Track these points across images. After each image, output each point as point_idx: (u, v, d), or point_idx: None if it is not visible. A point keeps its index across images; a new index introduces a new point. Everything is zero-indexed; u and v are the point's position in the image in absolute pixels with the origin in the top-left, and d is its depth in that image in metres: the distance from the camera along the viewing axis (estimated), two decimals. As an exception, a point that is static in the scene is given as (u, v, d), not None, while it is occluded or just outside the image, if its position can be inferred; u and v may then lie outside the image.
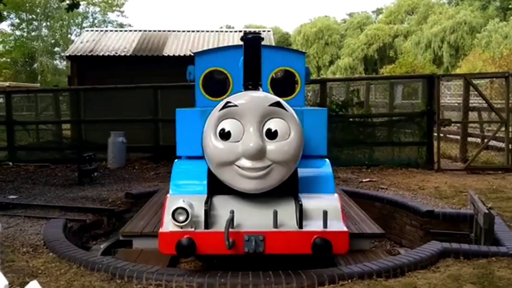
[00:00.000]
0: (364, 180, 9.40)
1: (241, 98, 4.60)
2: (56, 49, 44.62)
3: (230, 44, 17.22)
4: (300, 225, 4.46)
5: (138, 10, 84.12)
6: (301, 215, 4.46)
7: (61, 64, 45.59)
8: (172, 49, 16.79)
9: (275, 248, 4.45)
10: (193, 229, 4.47)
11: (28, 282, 2.79)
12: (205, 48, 16.80)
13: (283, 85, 6.58)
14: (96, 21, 44.82)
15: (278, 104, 4.49)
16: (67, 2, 11.51)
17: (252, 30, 20.22)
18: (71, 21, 43.65)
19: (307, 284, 4.24)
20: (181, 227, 4.44)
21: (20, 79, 37.44)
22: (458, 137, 12.46)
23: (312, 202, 4.65)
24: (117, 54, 15.98)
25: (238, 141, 4.41)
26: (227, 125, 4.46)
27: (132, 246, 5.50)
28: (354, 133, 11.54)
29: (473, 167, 10.46)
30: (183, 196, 4.69)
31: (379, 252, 5.10)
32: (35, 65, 41.60)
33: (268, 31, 19.41)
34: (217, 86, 6.37)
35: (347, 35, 55.28)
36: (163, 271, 4.41)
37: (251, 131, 4.37)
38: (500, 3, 42.51)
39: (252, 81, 4.96)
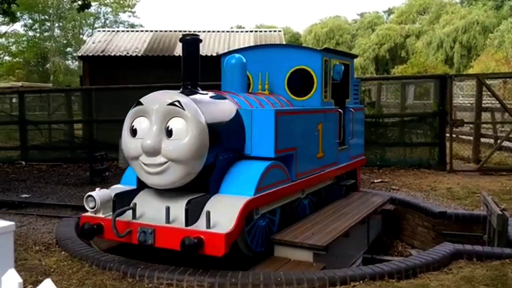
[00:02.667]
0: (376, 181, 9.36)
1: (149, 97, 4.89)
2: (68, 49, 44.87)
3: (241, 43, 17.25)
4: (186, 223, 4.54)
5: (149, 10, 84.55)
6: (187, 214, 4.54)
7: (73, 64, 45.88)
8: (183, 49, 16.81)
9: (163, 242, 4.59)
10: (103, 216, 4.93)
11: (41, 281, 2.82)
12: (215, 48, 16.85)
13: (300, 85, 6.57)
14: (107, 21, 45.04)
15: (177, 104, 4.65)
16: (79, 2, 11.61)
17: (263, 30, 20.30)
18: (83, 21, 43.90)
19: (318, 285, 4.23)
20: (95, 213, 4.96)
21: (33, 79, 37.72)
22: (471, 137, 12.35)
23: (215, 202, 4.73)
24: (128, 54, 16.06)
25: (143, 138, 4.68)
26: (138, 122, 4.82)
27: None
28: (366, 133, 11.46)
29: (486, 168, 10.36)
30: (125, 187, 5.20)
31: (314, 268, 4.75)
32: (48, 65, 41.88)
33: (279, 31, 19.39)
34: None
35: (358, 35, 55.02)
36: (174, 271, 4.42)
37: (153, 129, 4.63)
38: (514, 3, 42.03)
39: (190, 81, 5.17)
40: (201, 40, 5.32)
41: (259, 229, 5.25)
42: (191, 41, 5.20)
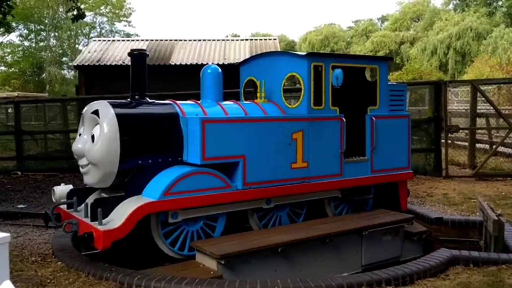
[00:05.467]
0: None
1: (86, 107, 5.55)
2: (64, 59, 44.82)
3: (237, 52, 17.31)
4: (91, 218, 5.00)
5: (145, 20, 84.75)
6: (92, 210, 4.99)
7: (69, 74, 45.83)
8: (179, 58, 16.89)
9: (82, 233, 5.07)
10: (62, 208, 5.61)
11: (37, 292, 2.80)
12: (211, 57, 16.90)
13: (293, 93, 6.57)
14: (103, 31, 45.11)
15: (95, 112, 5.29)
16: (74, 12, 11.65)
17: (259, 38, 20.37)
18: (79, 31, 43.94)
19: (315, 292, 4.22)
20: (57, 204, 5.62)
21: (29, 89, 37.71)
22: (466, 143, 12.39)
23: (126, 202, 5.14)
24: (124, 64, 16.09)
25: None
26: (82, 128, 5.53)
27: None
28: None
29: (482, 174, 10.40)
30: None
31: (210, 275, 4.78)
32: (43, 75, 41.83)
33: (274, 39, 19.48)
34: (252, 94, 6.88)
35: (352, 43, 55.32)
36: (171, 280, 4.41)
37: (84, 135, 5.40)
38: (507, 9, 42.32)
39: (138, 91, 5.75)
40: (147, 55, 5.92)
41: (187, 233, 5.41)
42: (138, 55, 5.75)
